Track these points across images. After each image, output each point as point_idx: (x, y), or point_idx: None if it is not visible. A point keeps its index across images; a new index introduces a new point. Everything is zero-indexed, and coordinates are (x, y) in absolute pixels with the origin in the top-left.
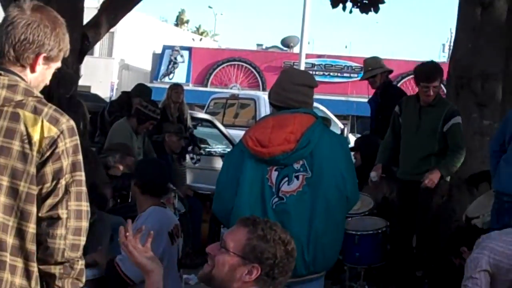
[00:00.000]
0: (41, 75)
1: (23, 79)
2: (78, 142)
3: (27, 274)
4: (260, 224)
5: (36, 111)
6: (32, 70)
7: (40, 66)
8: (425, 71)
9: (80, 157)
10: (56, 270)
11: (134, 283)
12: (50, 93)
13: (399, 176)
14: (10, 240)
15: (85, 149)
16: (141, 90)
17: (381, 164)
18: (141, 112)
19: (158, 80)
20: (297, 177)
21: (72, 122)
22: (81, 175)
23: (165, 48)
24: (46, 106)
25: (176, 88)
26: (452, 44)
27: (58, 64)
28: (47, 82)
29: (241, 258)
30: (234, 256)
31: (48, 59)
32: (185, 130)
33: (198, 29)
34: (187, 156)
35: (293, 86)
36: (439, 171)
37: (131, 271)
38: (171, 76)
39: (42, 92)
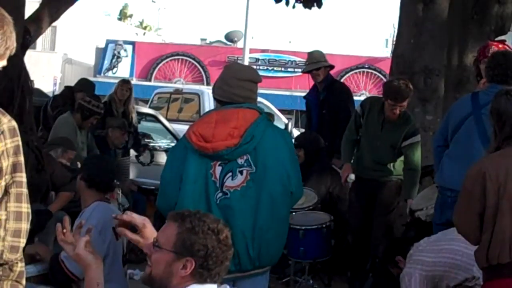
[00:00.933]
0: None
1: None
2: (20, 143)
3: None
4: (188, 217)
5: None
6: None
7: None
8: (395, 91)
9: (21, 158)
10: None
11: (79, 279)
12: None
13: (356, 173)
14: None
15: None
16: (84, 85)
17: (349, 163)
18: (85, 108)
19: (102, 74)
20: (241, 172)
21: (14, 123)
22: (22, 176)
23: (108, 42)
24: None
25: (122, 85)
26: (395, 39)
27: (4, 63)
28: None
29: (174, 253)
30: (167, 253)
31: None
32: (129, 126)
33: (141, 23)
34: (140, 158)
35: (237, 82)
36: (411, 198)
37: (76, 268)
38: (114, 70)
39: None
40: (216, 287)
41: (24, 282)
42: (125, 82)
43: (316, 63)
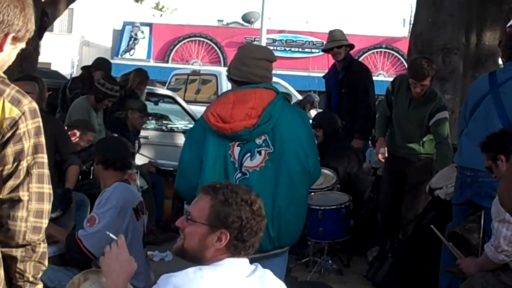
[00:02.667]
0: (7, 55)
1: None
2: (41, 124)
3: None
4: (221, 189)
5: None
6: (0, 49)
7: (7, 45)
8: (416, 70)
9: (42, 139)
10: (17, 253)
11: (96, 258)
12: None
13: (389, 149)
14: None
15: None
16: (101, 63)
17: (383, 137)
18: (98, 90)
19: (119, 56)
20: (259, 152)
21: (34, 104)
22: (43, 157)
23: (125, 24)
24: (9, 86)
25: (142, 81)
26: (412, 19)
27: (23, 45)
28: (11, 62)
29: (208, 226)
30: (201, 225)
31: (16, 39)
32: None
33: (157, 4)
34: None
35: (253, 61)
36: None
37: (94, 246)
38: (132, 52)
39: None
40: (248, 262)
41: (46, 263)
42: (145, 77)
43: (337, 41)
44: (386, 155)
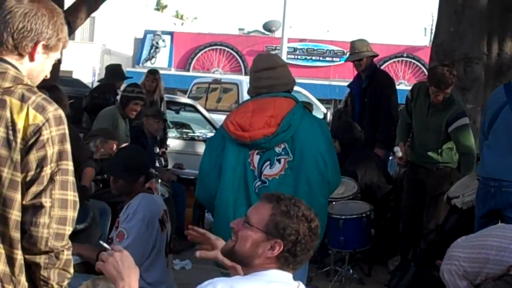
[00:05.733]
0: (40, 65)
1: (14, 67)
2: (66, 131)
3: (11, 262)
4: (284, 200)
5: (23, 99)
6: (31, 58)
7: (39, 54)
8: (438, 79)
9: (68, 146)
10: (40, 259)
11: None
12: None
13: (410, 159)
14: None
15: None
16: (116, 73)
17: (403, 142)
18: (122, 96)
19: (140, 64)
20: (279, 161)
21: (60, 111)
22: (68, 164)
23: (146, 32)
24: (35, 94)
25: (147, 75)
26: (433, 28)
27: (57, 55)
28: (47, 73)
29: (264, 234)
30: (257, 231)
31: (47, 48)
32: None
33: (177, 13)
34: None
35: (254, 75)
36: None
37: None
38: (153, 60)
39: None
40: (292, 277)
41: (71, 270)
42: (150, 73)
43: (357, 54)
44: (400, 154)
